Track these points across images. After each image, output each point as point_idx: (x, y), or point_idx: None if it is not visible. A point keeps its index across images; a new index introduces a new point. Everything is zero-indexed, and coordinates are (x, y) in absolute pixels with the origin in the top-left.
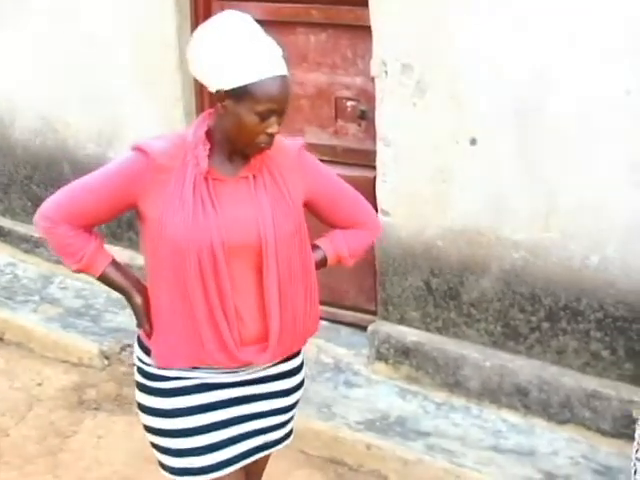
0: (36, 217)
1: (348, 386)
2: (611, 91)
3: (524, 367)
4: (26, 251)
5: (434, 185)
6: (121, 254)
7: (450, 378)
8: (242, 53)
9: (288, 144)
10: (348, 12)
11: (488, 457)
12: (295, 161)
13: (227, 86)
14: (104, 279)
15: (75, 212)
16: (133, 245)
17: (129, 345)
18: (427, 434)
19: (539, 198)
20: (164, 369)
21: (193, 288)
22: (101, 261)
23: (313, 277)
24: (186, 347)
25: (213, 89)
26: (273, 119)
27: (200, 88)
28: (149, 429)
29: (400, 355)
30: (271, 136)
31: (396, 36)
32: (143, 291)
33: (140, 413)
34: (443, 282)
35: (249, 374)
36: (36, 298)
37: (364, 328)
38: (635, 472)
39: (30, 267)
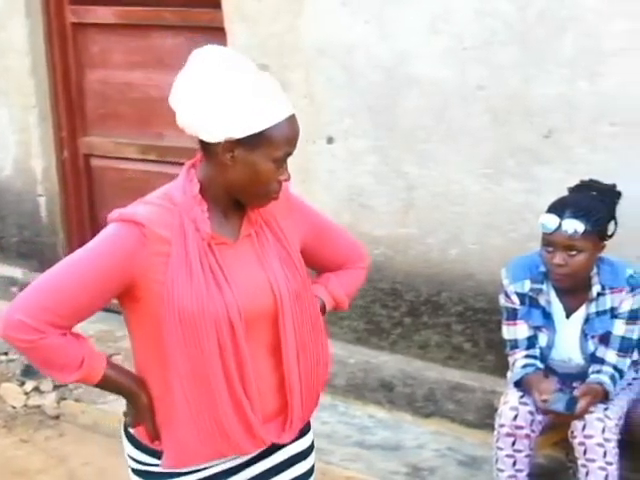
0: (8, 329)
1: None
2: (464, 87)
3: (388, 362)
4: None
5: (294, 185)
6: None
7: None
8: (253, 96)
9: None
10: (203, 14)
11: (355, 453)
12: (285, 206)
13: (240, 134)
14: (104, 383)
15: (65, 313)
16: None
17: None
18: None
19: (397, 194)
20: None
21: (212, 368)
22: (99, 363)
23: (324, 329)
24: (205, 441)
25: (218, 139)
26: (285, 165)
27: (55, 94)
28: None
29: None
30: (281, 184)
31: (251, 36)
32: (144, 387)
33: None
34: None
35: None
36: None
37: None
38: (497, 461)
39: None
